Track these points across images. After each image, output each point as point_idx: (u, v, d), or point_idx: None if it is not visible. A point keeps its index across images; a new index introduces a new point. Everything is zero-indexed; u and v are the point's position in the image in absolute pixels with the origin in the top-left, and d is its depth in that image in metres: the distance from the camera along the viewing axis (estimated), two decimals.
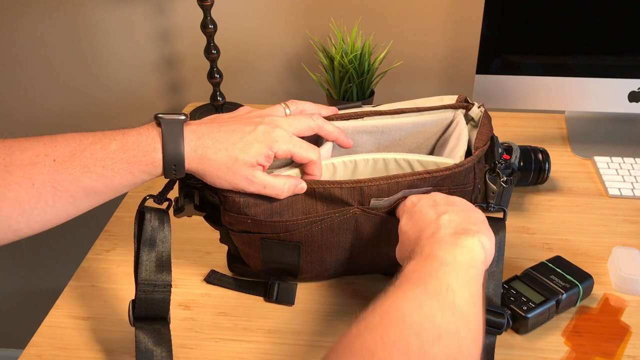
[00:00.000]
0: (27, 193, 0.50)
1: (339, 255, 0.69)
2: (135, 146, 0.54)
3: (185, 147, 0.56)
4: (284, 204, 0.62)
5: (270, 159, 0.60)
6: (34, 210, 0.51)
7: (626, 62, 0.96)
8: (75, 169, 0.52)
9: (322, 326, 0.69)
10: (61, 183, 0.52)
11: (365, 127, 0.70)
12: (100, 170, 0.53)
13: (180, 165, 0.56)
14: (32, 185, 0.50)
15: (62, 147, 0.52)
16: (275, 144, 0.59)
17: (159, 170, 0.56)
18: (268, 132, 0.59)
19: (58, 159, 0.52)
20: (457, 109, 0.71)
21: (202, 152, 0.57)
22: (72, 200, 0.53)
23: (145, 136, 0.55)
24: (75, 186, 0.52)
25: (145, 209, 0.60)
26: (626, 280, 0.71)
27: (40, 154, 0.52)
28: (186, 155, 0.56)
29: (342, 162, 0.65)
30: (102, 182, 0.53)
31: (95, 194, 0.54)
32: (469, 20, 1.12)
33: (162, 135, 0.55)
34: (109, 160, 0.53)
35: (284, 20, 1.18)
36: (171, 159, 0.55)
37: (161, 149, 0.55)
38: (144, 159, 0.54)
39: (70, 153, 0.52)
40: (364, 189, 0.63)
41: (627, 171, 0.94)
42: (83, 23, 1.22)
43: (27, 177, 0.50)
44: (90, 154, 0.53)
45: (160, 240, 0.60)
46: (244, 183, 0.59)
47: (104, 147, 0.53)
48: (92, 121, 1.34)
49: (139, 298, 0.59)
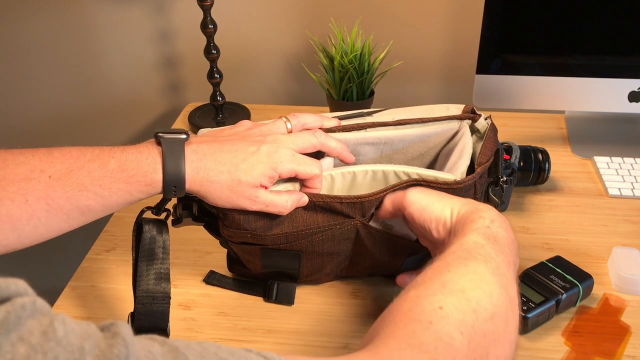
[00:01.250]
0: (20, 209, 0.49)
1: (340, 261, 0.69)
2: (135, 166, 0.53)
3: (187, 169, 0.55)
4: (284, 217, 0.62)
5: (274, 180, 0.59)
6: (25, 227, 0.50)
7: (626, 62, 0.96)
8: (71, 187, 0.51)
9: (322, 326, 0.69)
10: (56, 201, 0.50)
11: (368, 139, 0.69)
12: (97, 189, 0.52)
13: (181, 186, 0.55)
14: (26, 201, 0.49)
15: (58, 163, 0.51)
16: (279, 165, 0.58)
17: (158, 190, 0.55)
18: (271, 152, 0.58)
19: (54, 175, 0.50)
20: (462, 120, 0.70)
21: (204, 175, 0.56)
22: (66, 217, 0.52)
23: (145, 155, 0.54)
24: (70, 204, 0.51)
25: (143, 220, 0.59)
26: (626, 280, 0.71)
27: (35, 169, 0.50)
28: (187, 176, 0.55)
29: (341, 174, 0.64)
30: (98, 202, 0.52)
31: (90, 212, 0.53)
32: (469, 20, 1.12)
33: (162, 155, 0.54)
34: (106, 179, 0.52)
35: (284, 20, 1.18)
36: (171, 179, 0.54)
37: (161, 169, 0.54)
38: (142, 180, 0.53)
39: (67, 170, 0.51)
40: (364, 204, 0.62)
41: (627, 171, 0.94)
42: (83, 23, 1.22)
43: (20, 193, 0.49)
44: (87, 172, 0.51)
45: (159, 251, 0.58)
46: (246, 203, 0.58)
47: (102, 165, 0.52)
48: (92, 121, 1.34)
49: (138, 311, 0.58)
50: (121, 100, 1.31)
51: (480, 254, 0.50)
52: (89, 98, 1.31)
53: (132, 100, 1.30)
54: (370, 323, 0.69)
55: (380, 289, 0.74)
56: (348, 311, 0.71)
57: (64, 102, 1.32)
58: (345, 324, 0.69)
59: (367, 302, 0.72)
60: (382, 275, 0.75)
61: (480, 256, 0.49)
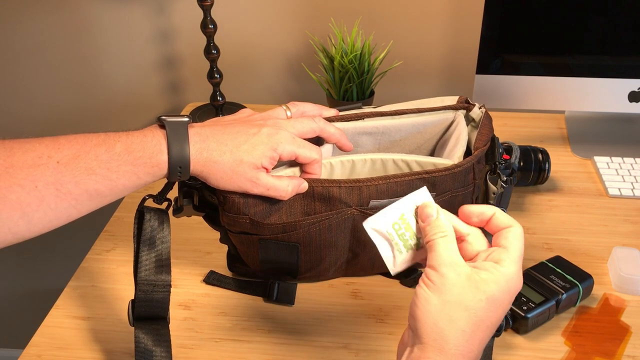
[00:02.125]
0: (30, 195, 0.50)
1: (338, 255, 0.69)
2: (141, 148, 0.54)
3: (191, 150, 0.56)
4: (282, 203, 0.62)
5: (275, 161, 0.60)
6: (35, 213, 0.50)
7: (626, 62, 0.96)
8: (80, 171, 0.51)
9: (322, 326, 0.69)
10: (65, 185, 0.51)
11: (366, 128, 0.70)
12: (105, 172, 0.52)
13: (186, 167, 0.56)
14: (35, 187, 0.50)
15: (65, 149, 0.52)
16: (279, 146, 0.59)
17: (164, 173, 0.56)
18: (272, 134, 0.59)
19: (62, 160, 0.51)
20: (457, 110, 0.71)
21: (207, 155, 0.57)
22: (75, 203, 0.52)
23: (150, 138, 0.55)
24: (79, 188, 0.52)
25: (145, 208, 0.60)
26: (626, 280, 0.71)
27: (43, 155, 0.51)
28: (191, 157, 0.56)
29: (340, 162, 0.65)
30: (106, 185, 0.53)
31: (98, 196, 0.53)
32: (469, 20, 1.12)
33: (167, 137, 0.55)
34: (114, 162, 0.53)
35: (284, 21, 1.18)
36: (176, 161, 0.55)
37: (166, 151, 0.55)
38: (149, 161, 0.54)
39: (74, 155, 0.52)
40: (362, 189, 0.63)
41: (627, 171, 0.94)
42: (83, 23, 1.22)
43: (29, 179, 0.50)
44: (95, 156, 0.52)
45: (160, 240, 0.59)
46: (248, 185, 0.59)
47: (109, 149, 0.53)
48: (92, 121, 1.34)
49: (139, 298, 0.58)
50: (121, 100, 1.31)
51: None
52: (89, 98, 1.31)
53: (132, 100, 1.30)
54: (370, 323, 0.69)
55: (380, 289, 0.74)
56: (348, 311, 0.71)
57: (63, 102, 1.32)
58: (345, 324, 0.69)
59: (367, 302, 0.72)
60: (382, 275, 0.75)
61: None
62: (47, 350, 0.67)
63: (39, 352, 0.67)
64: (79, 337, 0.68)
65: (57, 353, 0.67)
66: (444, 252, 0.47)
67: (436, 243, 0.48)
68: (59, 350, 0.67)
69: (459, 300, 0.45)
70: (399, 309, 0.71)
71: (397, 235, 0.51)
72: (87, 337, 0.68)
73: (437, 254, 0.47)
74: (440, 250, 0.47)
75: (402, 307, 0.71)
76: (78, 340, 0.68)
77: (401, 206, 0.51)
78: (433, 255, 0.48)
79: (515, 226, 0.49)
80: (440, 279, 0.46)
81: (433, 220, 0.50)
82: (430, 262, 0.48)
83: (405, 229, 0.51)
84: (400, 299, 0.72)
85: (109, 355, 0.66)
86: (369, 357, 0.65)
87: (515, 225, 0.49)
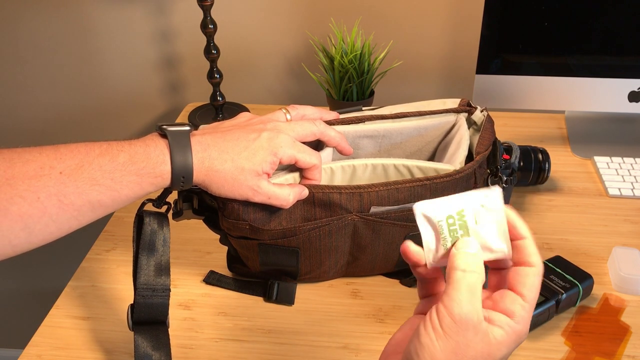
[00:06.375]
0: (32, 207, 0.49)
1: (338, 258, 0.69)
2: (144, 158, 0.53)
3: (193, 159, 0.55)
4: (282, 209, 0.62)
5: (275, 165, 0.59)
6: (36, 225, 0.49)
7: (626, 62, 0.96)
8: (83, 182, 0.51)
9: (322, 326, 0.69)
10: (68, 196, 0.50)
11: (367, 132, 0.69)
12: (110, 183, 0.52)
13: (189, 177, 0.55)
14: (37, 198, 0.49)
15: (68, 159, 0.51)
16: (280, 150, 0.59)
17: (167, 183, 0.55)
18: (272, 138, 0.59)
19: (65, 171, 0.50)
20: (459, 113, 0.71)
21: (209, 164, 0.56)
22: (77, 214, 0.51)
23: (152, 148, 0.54)
24: (81, 199, 0.51)
25: (144, 213, 0.60)
26: (626, 280, 0.71)
27: (44, 166, 0.50)
28: (194, 167, 0.56)
29: (341, 167, 0.64)
30: (110, 195, 0.52)
31: (101, 207, 0.53)
32: (469, 20, 1.12)
33: (169, 147, 0.55)
34: (117, 172, 0.52)
35: (284, 20, 1.18)
36: (180, 171, 0.55)
37: (170, 161, 0.54)
38: (152, 172, 0.54)
39: (78, 165, 0.51)
40: (363, 195, 0.62)
41: (627, 171, 0.94)
42: (83, 23, 1.22)
43: (31, 191, 0.49)
44: (98, 166, 0.51)
45: (160, 244, 0.59)
46: (249, 193, 0.59)
47: (112, 159, 0.52)
48: (92, 121, 1.34)
49: (138, 303, 0.58)
50: (121, 100, 1.31)
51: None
52: (89, 98, 1.31)
53: (132, 100, 1.30)
54: (370, 323, 0.69)
55: (380, 289, 0.74)
56: (348, 311, 0.71)
57: (63, 102, 1.32)
58: (345, 324, 0.69)
59: (367, 302, 0.72)
60: (382, 275, 0.75)
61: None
62: (47, 350, 0.67)
63: (39, 352, 0.67)
64: (79, 337, 0.68)
65: (57, 353, 0.67)
66: (468, 302, 0.39)
67: (464, 283, 0.40)
68: (59, 350, 0.67)
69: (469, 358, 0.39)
70: (399, 309, 0.71)
71: (448, 229, 0.44)
72: (87, 337, 0.68)
73: (458, 300, 0.39)
74: (464, 299, 0.39)
75: (402, 307, 0.71)
76: (78, 340, 0.68)
77: (464, 200, 0.44)
78: (453, 296, 0.39)
79: (537, 266, 0.42)
80: (456, 334, 0.39)
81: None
82: (446, 302, 0.39)
83: (460, 226, 0.44)
84: (400, 299, 0.72)
85: (109, 355, 0.66)
86: (369, 357, 0.65)
87: (537, 265, 0.42)
